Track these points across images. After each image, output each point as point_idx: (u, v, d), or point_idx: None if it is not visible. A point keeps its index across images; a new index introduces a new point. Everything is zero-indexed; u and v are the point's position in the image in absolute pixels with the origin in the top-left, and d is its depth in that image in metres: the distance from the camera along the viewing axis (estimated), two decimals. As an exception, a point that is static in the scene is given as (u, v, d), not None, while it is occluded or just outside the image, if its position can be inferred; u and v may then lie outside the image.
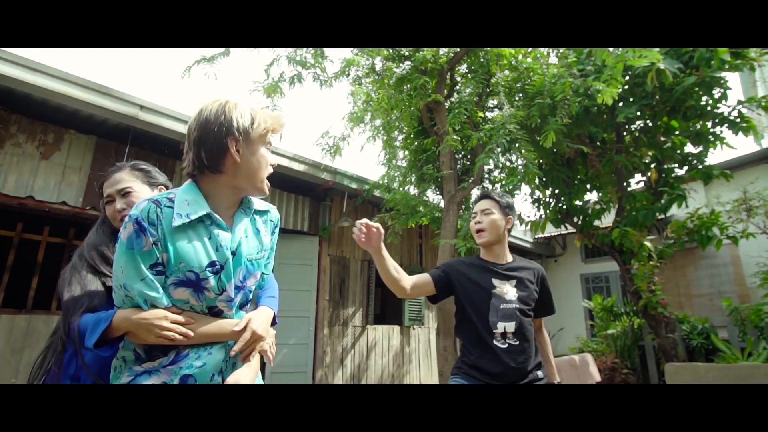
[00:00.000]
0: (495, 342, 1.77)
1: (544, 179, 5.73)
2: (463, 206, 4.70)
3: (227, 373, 1.08)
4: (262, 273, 1.24)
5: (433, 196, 5.82)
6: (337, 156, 5.23)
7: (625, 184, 5.67)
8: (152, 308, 1.00)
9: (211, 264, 1.04)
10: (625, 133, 5.61)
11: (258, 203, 1.24)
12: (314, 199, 6.57)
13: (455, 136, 4.26)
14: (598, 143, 5.63)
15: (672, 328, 5.39)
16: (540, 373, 1.82)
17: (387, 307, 9.43)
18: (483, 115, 5.02)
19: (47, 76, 3.75)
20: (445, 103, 4.88)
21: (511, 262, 1.96)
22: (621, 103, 4.96)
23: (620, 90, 4.16)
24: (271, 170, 1.17)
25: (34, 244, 4.77)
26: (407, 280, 1.79)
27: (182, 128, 4.48)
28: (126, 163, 1.42)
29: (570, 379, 4.09)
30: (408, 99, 4.68)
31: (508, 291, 1.85)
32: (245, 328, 1.08)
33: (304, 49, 4.35)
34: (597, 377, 4.28)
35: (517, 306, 1.83)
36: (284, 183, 6.02)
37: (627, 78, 4.81)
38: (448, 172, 4.60)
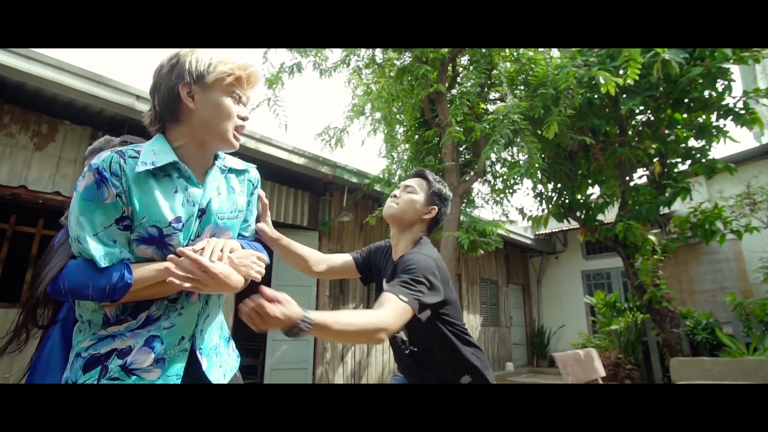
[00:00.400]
0: (402, 346, 1.52)
1: (546, 173, 5.68)
2: (465, 199, 4.63)
3: (199, 340, 1.02)
4: (241, 236, 1.17)
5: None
6: (338, 148, 5.15)
7: (628, 177, 5.61)
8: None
9: (177, 219, 0.96)
10: (628, 126, 5.55)
11: (235, 162, 1.16)
12: (314, 193, 6.49)
13: (458, 128, 4.19)
14: (601, 136, 5.57)
15: (676, 323, 5.33)
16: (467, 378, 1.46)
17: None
18: (485, 107, 4.96)
19: (41, 63, 3.66)
20: (447, 94, 4.81)
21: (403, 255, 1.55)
22: (624, 95, 4.90)
23: (624, 80, 4.10)
24: (239, 123, 1.06)
25: (28, 237, 4.68)
26: (322, 262, 1.59)
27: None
28: (115, 139, 1.31)
29: (575, 373, 4.02)
30: (409, 89, 4.61)
31: None
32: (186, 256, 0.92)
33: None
34: (602, 372, 4.22)
35: None
36: (283, 177, 5.94)
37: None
38: (450, 164, 4.53)
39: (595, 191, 6.07)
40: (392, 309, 1.19)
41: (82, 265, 0.91)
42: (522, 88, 5.07)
